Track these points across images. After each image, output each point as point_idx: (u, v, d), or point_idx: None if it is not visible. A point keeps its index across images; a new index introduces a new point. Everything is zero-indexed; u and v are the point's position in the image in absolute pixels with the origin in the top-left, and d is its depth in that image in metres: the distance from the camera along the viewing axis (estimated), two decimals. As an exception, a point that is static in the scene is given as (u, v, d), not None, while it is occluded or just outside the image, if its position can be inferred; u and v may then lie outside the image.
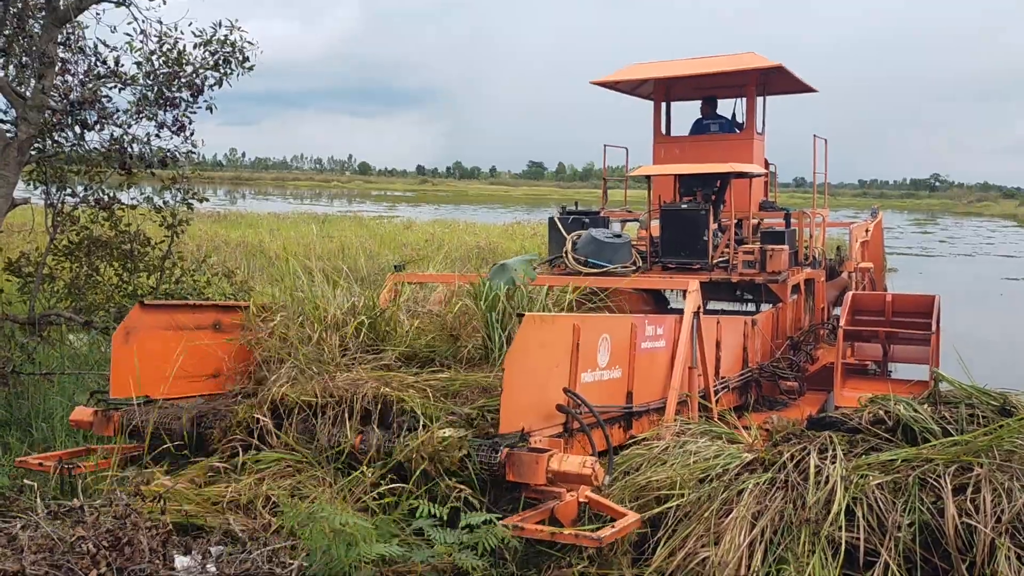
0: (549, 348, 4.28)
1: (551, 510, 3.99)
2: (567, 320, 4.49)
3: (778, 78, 10.53)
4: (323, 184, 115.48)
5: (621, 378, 5.05)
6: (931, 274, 25.15)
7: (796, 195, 34.75)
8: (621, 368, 5.03)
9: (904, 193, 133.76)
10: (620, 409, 5.06)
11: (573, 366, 4.42)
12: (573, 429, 4.44)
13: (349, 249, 21.73)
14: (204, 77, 8.08)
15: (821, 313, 10.39)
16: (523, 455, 3.90)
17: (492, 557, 3.77)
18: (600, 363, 4.75)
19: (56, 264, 8.42)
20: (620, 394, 5.08)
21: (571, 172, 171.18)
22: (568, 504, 4.05)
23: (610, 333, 4.84)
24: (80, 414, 5.06)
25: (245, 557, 3.21)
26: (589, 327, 4.58)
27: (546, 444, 4.09)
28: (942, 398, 4.58)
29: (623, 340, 5.04)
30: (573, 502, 4.07)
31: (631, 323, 5.18)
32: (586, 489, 4.07)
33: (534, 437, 4.07)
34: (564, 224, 9.49)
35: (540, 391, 4.24)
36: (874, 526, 3.67)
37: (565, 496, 4.05)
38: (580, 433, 4.46)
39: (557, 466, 3.85)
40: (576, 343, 4.42)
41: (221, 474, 4.31)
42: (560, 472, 3.84)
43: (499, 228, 30.18)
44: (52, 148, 7.86)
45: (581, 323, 4.48)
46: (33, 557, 2.91)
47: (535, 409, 4.20)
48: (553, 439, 4.22)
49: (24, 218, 10.27)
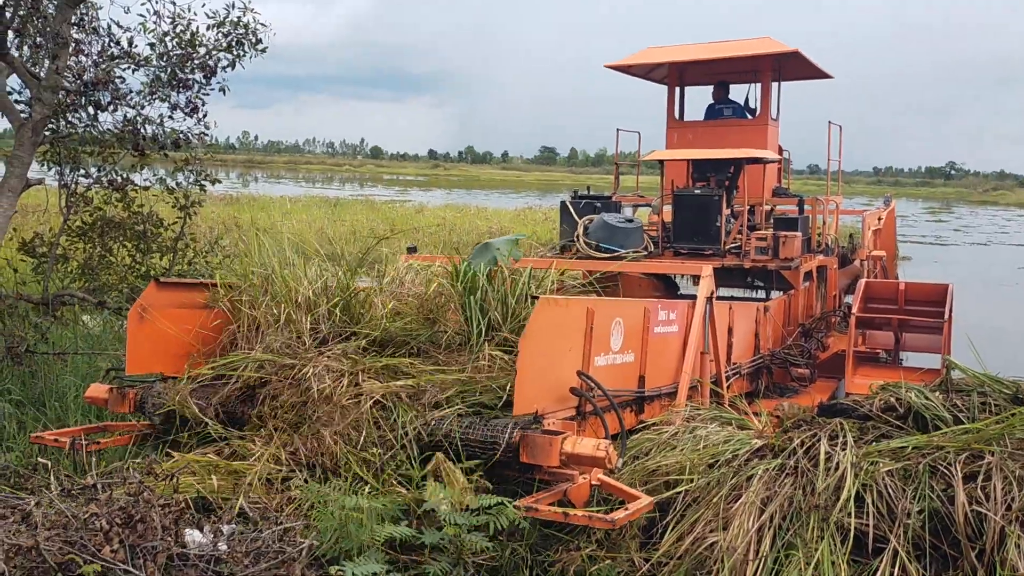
0: (563, 331, 4.29)
1: (564, 492, 4.01)
2: (581, 303, 4.49)
3: (793, 63, 10.45)
4: (335, 168, 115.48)
5: (634, 362, 5.06)
6: (946, 262, 24.99)
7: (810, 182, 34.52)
8: (634, 352, 5.04)
9: (919, 181, 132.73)
10: (632, 393, 5.07)
11: (587, 349, 4.43)
12: (586, 412, 4.45)
13: (360, 233, 21.76)
14: (217, 59, 8.08)
15: (833, 301, 10.36)
16: (537, 437, 3.92)
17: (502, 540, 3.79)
18: (613, 347, 4.76)
19: (70, 245, 8.46)
20: (632, 378, 5.09)
21: (583, 158, 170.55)
22: (581, 486, 4.07)
23: (623, 317, 4.85)
24: (96, 391, 5.10)
25: (256, 536, 3.23)
26: (603, 311, 4.59)
27: (559, 427, 4.11)
28: (954, 386, 4.56)
29: (636, 324, 5.05)
30: (585, 484, 4.09)
31: (644, 307, 5.18)
32: (598, 472, 4.09)
33: (547, 420, 4.09)
34: (576, 208, 9.47)
35: (554, 374, 4.25)
36: (883, 513, 3.67)
37: (578, 479, 4.07)
38: (593, 416, 4.48)
39: (571, 448, 3.87)
40: (590, 327, 4.43)
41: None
42: (574, 454, 3.87)
43: (511, 213, 30.15)
44: (66, 129, 7.88)
45: (595, 307, 4.49)
46: (47, 533, 2.94)
47: (549, 392, 4.22)
48: (566, 422, 4.25)
49: (38, 199, 10.32)
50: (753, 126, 10.56)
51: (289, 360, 4.65)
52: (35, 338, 7.32)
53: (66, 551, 2.87)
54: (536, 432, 3.95)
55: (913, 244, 29.76)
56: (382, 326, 5.16)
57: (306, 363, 4.54)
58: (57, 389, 6.76)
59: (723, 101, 10.96)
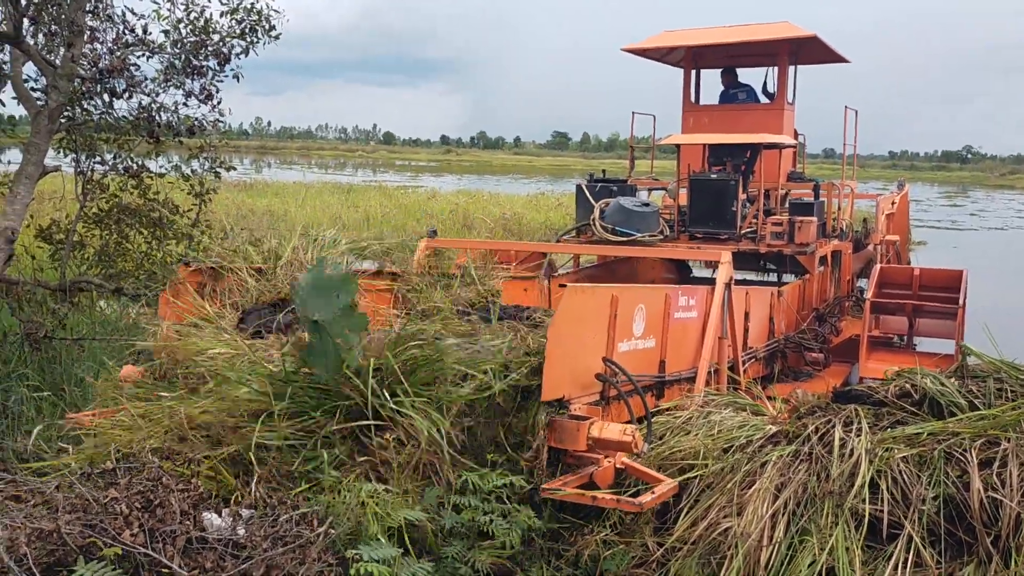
0: (588, 318, 4.36)
1: (590, 475, 4.06)
2: (606, 291, 4.55)
3: (811, 48, 10.38)
4: (347, 154, 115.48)
5: (654, 348, 5.13)
6: (963, 247, 24.81)
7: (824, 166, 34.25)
8: (655, 338, 5.10)
9: (935, 165, 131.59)
10: (653, 378, 5.13)
11: (611, 336, 4.49)
12: (610, 397, 4.51)
13: (373, 219, 21.80)
14: (231, 45, 8.11)
15: (847, 285, 10.33)
16: (565, 422, 4.00)
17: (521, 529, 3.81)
18: (635, 333, 4.82)
19: (86, 231, 8.53)
20: (653, 363, 5.16)
21: (596, 142, 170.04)
22: (606, 470, 4.11)
23: (645, 303, 4.91)
24: (129, 372, 5.14)
25: (274, 520, 3.27)
26: (627, 297, 4.65)
27: (584, 412, 4.18)
28: (970, 372, 4.54)
29: (657, 310, 5.11)
30: (610, 468, 4.13)
31: (665, 294, 5.24)
32: (623, 455, 4.14)
33: (573, 405, 4.16)
34: (592, 192, 9.45)
35: (579, 360, 4.31)
36: (898, 499, 3.67)
37: (603, 462, 4.12)
38: (616, 401, 4.54)
39: (598, 433, 3.95)
40: (614, 313, 4.49)
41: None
42: (601, 439, 3.95)
43: (523, 199, 30.12)
44: (81, 116, 7.93)
45: (619, 294, 4.55)
46: (68, 517, 2.98)
47: (574, 378, 4.28)
48: (591, 407, 4.31)
49: (55, 186, 10.38)
50: (770, 110, 10.50)
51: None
52: (53, 324, 7.39)
53: (87, 534, 2.90)
54: (564, 417, 4.02)
55: (928, 229, 29.56)
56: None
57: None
58: (75, 374, 6.82)
59: (736, 85, 10.90)
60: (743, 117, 10.45)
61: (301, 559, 3.12)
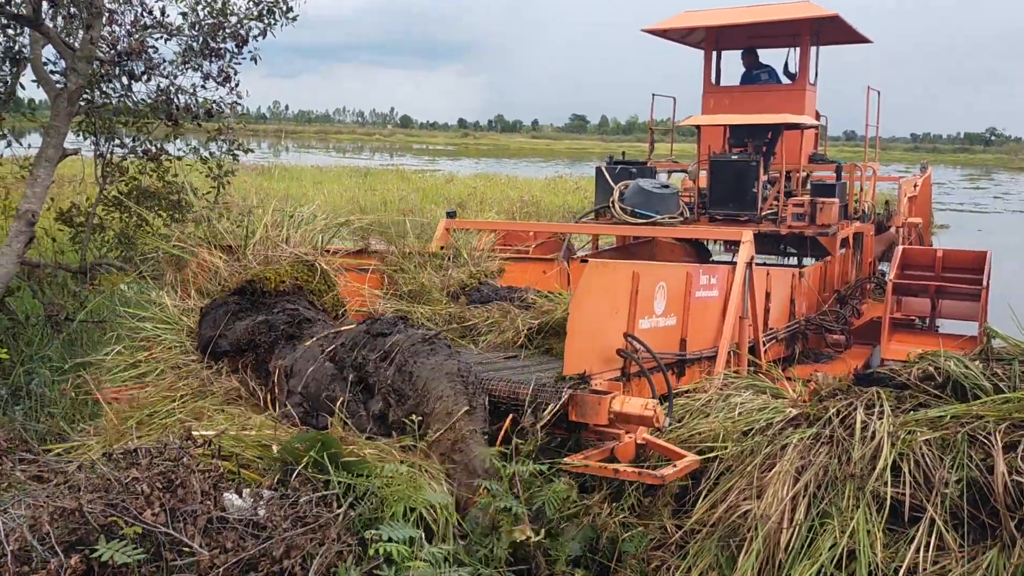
0: (610, 294, 4.35)
1: (611, 450, 4.07)
2: (627, 267, 4.56)
3: (833, 28, 10.25)
4: (365, 137, 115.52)
5: (676, 326, 5.12)
6: (988, 230, 24.52)
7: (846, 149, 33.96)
8: (676, 316, 5.09)
9: (958, 148, 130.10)
10: (674, 356, 5.12)
11: (632, 312, 4.49)
12: (631, 374, 4.51)
13: (391, 202, 21.81)
14: (248, 28, 8.09)
15: (868, 267, 10.24)
16: (587, 396, 4.00)
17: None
18: (656, 310, 4.81)
19: (106, 214, 8.57)
20: (674, 341, 5.15)
21: (614, 125, 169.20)
22: (627, 445, 4.12)
23: (666, 281, 4.90)
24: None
25: (295, 501, 3.28)
26: (647, 274, 4.65)
27: (606, 387, 4.18)
28: (994, 355, 4.48)
29: (679, 288, 5.10)
30: (631, 443, 4.13)
31: (687, 271, 5.24)
32: (644, 431, 4.14)
33: (594, 380, 4.16)
34: (611, 174, 9.40)
35: (601, 336, 4.32)
36: (920, 482, 3.63)
37: (624, 438, 4.11)
38: (636, 378, 4.54)
39: (619, 407, 3.95)
40: (635, 290, 4.48)
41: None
42: (622, 413, 3.94)
43: (541, 182, 30.04)
44: (100, 99, 7.95)
45: (640, 270, 4.54)
46: (90, 496, 3.00)
47: (596, 353, 4.28)
48: (612, 383, 4.32)
49: (74, 169, 10.45)
50: (791, 91, 10.40)
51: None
52: (74, 306, 7.45)
53: (108, 513, 2.92)
54: (585, 392, 4.01)
55: (951, 212, 29.24)
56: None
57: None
58: (97, 356, 6.86)
59: (758, 66, 10.79)
60: (764, 98, 10.35)
61: (321, 539, 3.13)
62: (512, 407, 4.15)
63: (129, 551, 2.79)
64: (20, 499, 3.08)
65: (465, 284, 6.09)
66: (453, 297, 5.93)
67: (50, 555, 2.79)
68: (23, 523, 2.89)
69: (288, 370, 4.37)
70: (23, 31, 7.61)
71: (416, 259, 6.23)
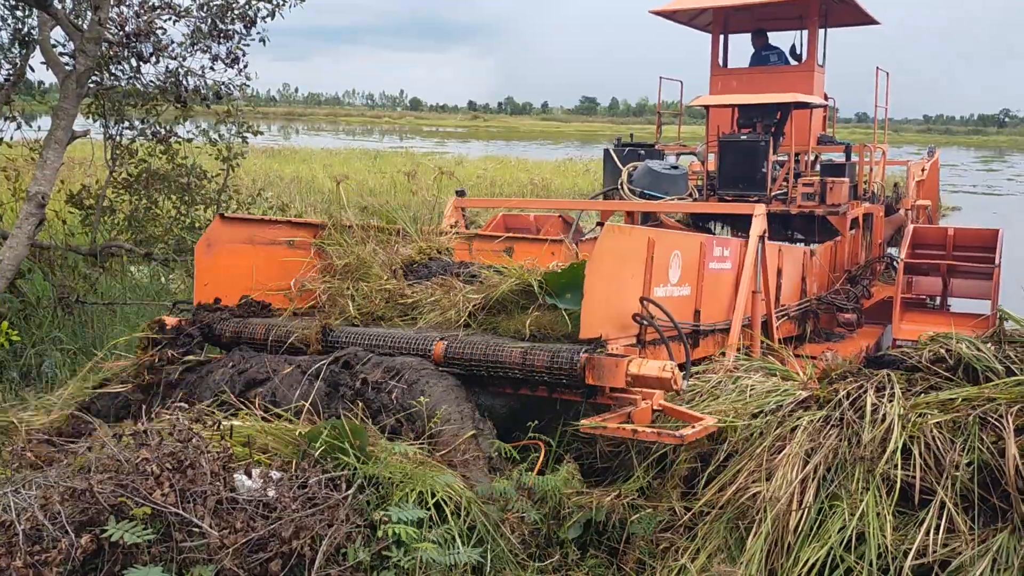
0: (626, 258, 4.34)
1: (628, 415, 4.04)
2: (643, 232, 4.54)
3: (841, 9, 10.17)
4: (374, 120, 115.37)
5: (690, 296, 5.13)
6: (1003, 213, 24.31)
7: (857, 130, 33.65)
8: (690, 286, 5.10)
9: (971, 129, 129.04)
10: (689, 326, 5.13)
11: (647, 279, 4.48)
12: (646, 341, 4.49)
13: (400, 185, 21.78)
14: (257, 9, 8.06)
15: (879, 248, 10.21)
16: (603, 359, 3.96)
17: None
18: (671, 279, 4.82)
19: (116, 197, 8.59)
20: (688, 311, 5.16)
21: (624, 107, 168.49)
22: (643, 410, 4.09)
23: (681, 250, 4.90)
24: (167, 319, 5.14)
25: (304, 483, 3.28)
26: (663, 241, 4.64)
27: (622, 352, 4.13)
28: (1007, 337, 4.45)
29: (693, 258, 5.11)
30: (647, 408, 4.11)
31: (700, 241, 5.25)
32: (660, 397, 4.12)
33: (610, 345, 4.12)
34: (620, 156, 9.37)
35: (617, 301, 4.30)
36: (931, 465, 3.61)
37: (640, 403, 4.09)
38: (652, 346, 4.53)
39: (637, 370, 3.89)
40: (650, 256, 4.47)
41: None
42: (640, 376, 3.89)
43: (551, 164, 29.96)
44: (110, 81, 7.94)
45: (656, 237, 4.53)
46: (100, 477, 3.01)
47: (612, 318, 4.26)
48: (628, 348, 4.29)
49: (85, 152, 10.47)
50: (799, 72, 10.32)
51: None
52: (84, 288, 7.47)
53: (119, 494, 2.94)
54: (602, 355, 3.99)
55: (964, 194, 29.03)
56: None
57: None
58: (108, 337, 6.90)
59: (767, 48, 10.71)
60: (772, 80, 10.28)
61: (330, 521, 3.14)
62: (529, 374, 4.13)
63: (139, 531, 2.80)
64: (32, 479, 3.09)
65: (413, 260, 5.71)
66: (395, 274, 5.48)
67: (61, 534, 2.81)
68: (35, 503, 2.91)
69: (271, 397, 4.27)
70: (32, 13, 7.61)
71: (359, 233, 5.79)
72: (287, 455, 3.55)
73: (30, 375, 6.48)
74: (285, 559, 2.97)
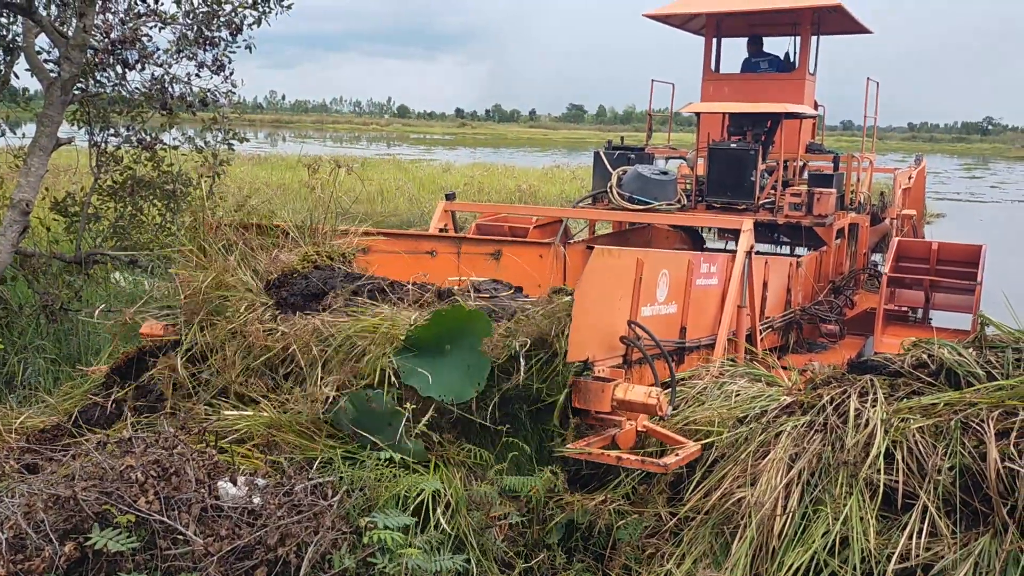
0: (614, 281, 4.34)
1: (612, 438, 4.07)
2: (632, 254, 4.55)
3: (834, 17, 10.24)
4: (362, 127, 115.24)
5: (676, 313, 5.14)
6: (989, 220, 24.50)
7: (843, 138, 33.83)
8: (676, 303, 5.11)
9: (955, 137, 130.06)
10: (674, 344, 5.13)
11: (635, 299, 4.48)
12: (632, 361, 4.50)
13: (388, 192, 21.77)
14: (243, 16, 8.06)
15: (863, 258, 10.27)
16: (590, 383, 3.97)
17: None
18: (659, 298, 4.82)
19: (101, 204, 8.54)
20: (675, 329, 5.17)
21: (611, 115, 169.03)
22: (627, 432, 4.12)
23: (669, 268, 4.91)
24: (150, 328, 4.96)
25: (290, 489, 3.28)
26: (652, 262, 4.65)
27: (608, 374, 4.17)
28: (988, 342, 4.49)
29: (680, 276, 5.13)
30: (632, 431, 4.14)
31: (688, 260, 5.26)
32: (644, 418, 4.15)
33: (597, 367, 4.14)
34: (610, 159, 9.39)
35: (604, 322, 4.30)
36: (914, 469, 3.64)
37: (625, 424, 4.12)
38: (637, 365, 4.53)
39: (623, 395, 3.93)
40: (639, 277, 4.48)
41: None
42: (625, 401, 3.92)
43: (538, 171, 30.02)
44: (95, 88, 7.91)
45: (645, 258, 4.54)
46: (84, 484, 3.00)
47: (599, 340, 4.27)
48: (614, 370, 4.30)
49: (69, 159, 10.42)
50: (791, 80, 10.38)
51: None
52: (68, 296, 7.43)
53: (103, 501, 2.93)
54: (588, 379, 4.01)
55: (948, 202, 29.25)
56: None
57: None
58: (92, 346, 6.87)
59: (759, 54, 10.77)
60: (764, 87, 10.33)
61: (315, 527, 3.14)
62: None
63: (123, 539, 2.79)
64: (15, 487, 3.08)
65: (293, 271, 4.64)
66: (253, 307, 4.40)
67: (44, 543, 2.79)
68: (18, 510, 2.89)
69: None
70: (16, 19, 7.58)
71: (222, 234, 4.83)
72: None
73: (13, 383, 6.45)
74: (270, 567, 2.96)
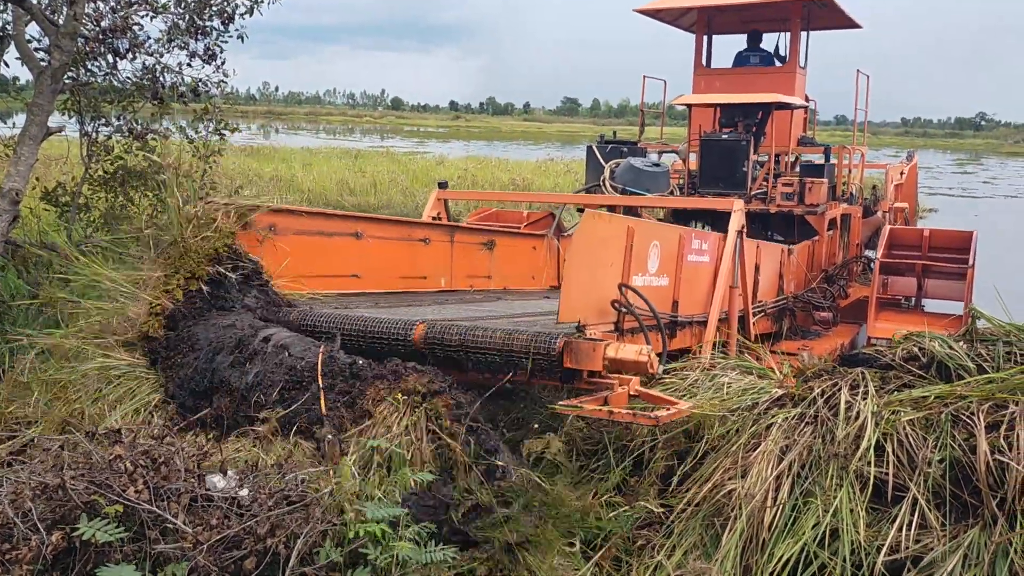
0: (606, 245, 4.37)
1: (604, 399, 4.07)
2: (622, 220, 4.59)
3: (824, 12, 10.26)
4: (355, 119, 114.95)
5: (668, 286, 5.18)
6: (982, 215, 24.56)
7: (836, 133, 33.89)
8: (668, 276, 5.15)
9: (948, 132, 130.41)
10: (667, 316, 5.15)
11: (626, 267, 4.51)
12: (624, 328, 4.52)
13: (381, 185, 21.72)
14: (235, 5, 8.01)
15: (856, 249, 10.31)
16: (581, 343, 3.99)
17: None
18: (650, 268, 4.86)
19: (92, 194, 8.50)
20: (667, 302, 5.20)
21: (606, 108, 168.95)
22: (620, 395, 4.12)
23: (660, 240, 4.94)
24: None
25: (279, 479, 3.27)
26: (642, 231, 4.68)
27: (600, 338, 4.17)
28: (978, 335, 4.50)
29: (672, 249, 5.15)
30: (624, 394, 4.14)
31: (679, 234, 5.30)
32: (636, 382, 4.15)
33: (589, 331, 4.16)
34: (602, 152, 9.41)
35: (596, 287, 4.34)
36: (904, 462, 3.65)
37: (617, 387, 4.12)
38: (630, 334, 4.55)
39: (614, 354, 3.93)
40: (630, 244, 4.50)
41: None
42: (616, 359, 3.93)
43: (532, 164, 29.97)
44: (85, 77, 7.86)
45: (635, 226, 4.57)
46: (72, 473, 2.99)
47: (590, 304, 4.30)
48: (606, 334, 4.32)
49: (60, 149, 10.37)
50: (780, 74, 10.42)
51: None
52: (59, 286, 7.38)
53: (92, 490, 2.91)
54: (580, 339, 4.01)
55: (941, 196, 29.32)
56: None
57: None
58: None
59: (752, 49, 10.80)
60: (755, 81, 10.37)
61: (305, 518, 3.13)
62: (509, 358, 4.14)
63: (111, 530, 2.77)
64: (2, 475, 3.06)
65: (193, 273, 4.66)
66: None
67: (32, 532, 2.78)
68: (5, 499, 2.87)
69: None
70: (6, 8, 7.51)
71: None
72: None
73: (4, 373, 6.40)
74: (260, 557, 2.95)
